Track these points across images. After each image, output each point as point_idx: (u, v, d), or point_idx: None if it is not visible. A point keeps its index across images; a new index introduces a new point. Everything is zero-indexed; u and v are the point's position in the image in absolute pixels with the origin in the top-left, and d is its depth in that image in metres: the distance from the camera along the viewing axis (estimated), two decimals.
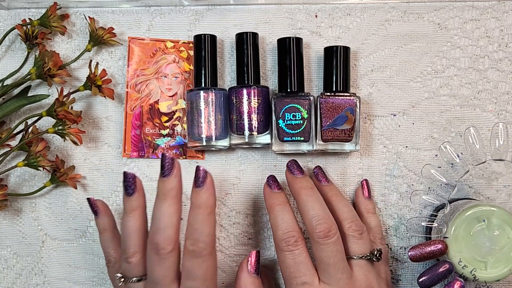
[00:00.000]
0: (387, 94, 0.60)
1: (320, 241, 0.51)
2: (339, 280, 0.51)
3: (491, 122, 0.59)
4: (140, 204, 0.51)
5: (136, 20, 0.60)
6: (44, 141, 0.57)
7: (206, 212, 0.48)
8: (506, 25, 0.60)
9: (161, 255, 0.48)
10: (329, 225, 0.51)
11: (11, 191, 0.60)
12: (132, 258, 0.50)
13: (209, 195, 0.49)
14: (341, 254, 0.51)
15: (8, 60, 0.61)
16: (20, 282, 0.60)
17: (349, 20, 0.60)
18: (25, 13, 0.60)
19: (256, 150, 0.60)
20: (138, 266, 0.51)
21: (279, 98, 0.56)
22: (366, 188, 0.58)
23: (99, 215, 0.55)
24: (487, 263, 0.52)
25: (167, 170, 0.49)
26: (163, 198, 0.49)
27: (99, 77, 0.57)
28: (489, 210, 0.52)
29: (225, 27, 0.60)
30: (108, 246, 0.55)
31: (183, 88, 0.60)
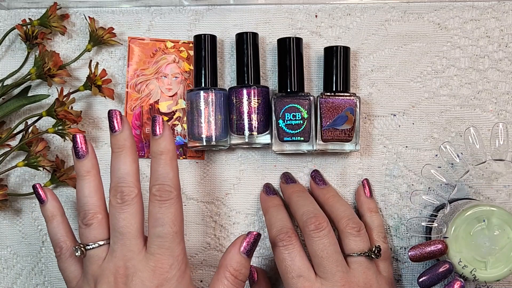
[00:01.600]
0: (387, 94, 0.60)
1: (312, 234, 0.52)
2: (335, 274, 0.51)
3: (491, 122, 0.59)
4: (93, 165, 0.51)
5: (136, 20, 0.60)
6: (44, 141, 0.57)
7: (168, 157, 0.50)
8: (506, 25, 0.60)
9: (126, 202, 0.48)
10: (319, 218, 0.53)
11: (11, 191, 0.60)
12: (93, 220, 0.49)
13: (169, 141, 0.50)
14: (334, 247, 0.52)
15: (8, 60, 0.61)
16: (20, 282, 0.60)
17: (349, 20, 0.60)
18: (25, 13, 0.60)
19: (256, 150, 0.60)
20: (101, 228, 0.50)
21: (279, 98, 0.56)
22: (367, 187, 0.59)
23: (47, 202, 0.53)
24: (487, 263, 0.52)
25: (117, 125, 0.50)
26: (119, 151, 0.50)
27: (99, 77, 0.57)
28: (489, 210, 0.52)
29: (225, 27, 0.60)
30: (58, 232, 0.53)
31: (183, 88, 0.60)
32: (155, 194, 0.49)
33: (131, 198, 0.49)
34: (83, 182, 0.51)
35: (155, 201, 0.49)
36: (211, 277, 0.60)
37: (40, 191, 0.54)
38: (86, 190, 0.50)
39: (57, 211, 0.54)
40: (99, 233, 0.50)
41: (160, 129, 0.50)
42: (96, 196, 0.50)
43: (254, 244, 0.50)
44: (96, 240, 0.49)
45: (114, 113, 0.50)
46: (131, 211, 0.49)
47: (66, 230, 0.53)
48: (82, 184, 0.51)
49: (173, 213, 0.49)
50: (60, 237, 0.53)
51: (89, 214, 0.50)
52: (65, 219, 0.54)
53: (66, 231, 0.53)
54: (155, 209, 0.49)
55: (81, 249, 0.49)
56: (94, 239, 0.50)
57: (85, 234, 0.50)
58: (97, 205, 0.50)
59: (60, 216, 0.54)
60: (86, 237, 0.50)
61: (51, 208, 0.54)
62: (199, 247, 0.60)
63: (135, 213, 0.49)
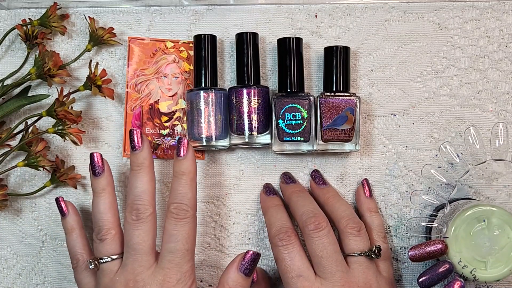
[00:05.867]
0: (387, 94, 0.60)
1: (311, 234, 0.52)
2: (334, 274, 0.51)
3: (491, 122, 0.59)
4: (109, 183, 0.54)
5: (136, 20, 0.60)
6: (44, 141, 0.57)
7: (188, 178, 0.52)
8: (506, 25, 0.60)
9: (141, 219, 0.51)
10: (319, 218, 0.53)
11: (11, 191, 0.60)
12: (107, 235, 0.52)
13: (191, 163, 0.52)
14: (333, 246, 0.52)
15: (8, 60, 0.61)
16: (20, 282, 0.60)
17: (349, 20, 0.60)
18: (25, 13, 0.60)
19: (256, 150, 0.60)
20: (114, 243, 0.52)
21: (279, 98, 0.56)
22: (367, 187, 0.59)
23: (68, 215, 0.56)
24: (487, 263, 0.52)
25: (137, 144, 0.53)
26: (138, 169, 0.52)
27: (99, 77, 0.57)
28: (489, 210, 0.52)
29: (225, 27, 0.60)
30: (76, 245, 0.55)
31: (183, 88, 0.60)
32: (172, 211, 0.51)
33: (146, 216, 0.51)
34: (98, 198, 0.53)
35: (172, 218, 0.51)
36: (211, 277, 0.60)
37: (62, 204, 0.56)
38: (101, 207, 0.53)
39: (77, 224, 0.56)
40: (112, 248, 0.52)
41: (184, 151, 0.52)
42: (110, 213, 0.53)
43: (253, 263, 0.52)
44: (109, 254, 0.52)
45: (136, 132, 0.53)
46: (145, 229, 0.51)
47: (84, 243, 0.56)
48: (97, 200, 0.53)
49: (187, 232, 0.51)
50: (78, 250, 0.55)
51: (103, 230, 0.52)
52: (83, 232, 0.56)
53: (84, 244, 0.56)
54: (171, 225, 0.51)
55: (95, 262, 0.52)
56: (107, 253, 0.52)
57: (99, 248, 0.52)
58: (111, 221, 0.53)
59: (79, 229, 0.56)
60: (99, 252, 0.52)
61: (71, 221, 0.56)
62: (199, 247, 0.60)
63: (149, 231, 0.51)
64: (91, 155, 0.54)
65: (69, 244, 0.56)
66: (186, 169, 0.52)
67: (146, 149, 0.53)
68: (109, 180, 0.54)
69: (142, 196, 0.51)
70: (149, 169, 0.53)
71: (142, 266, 0.50)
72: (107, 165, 0.54)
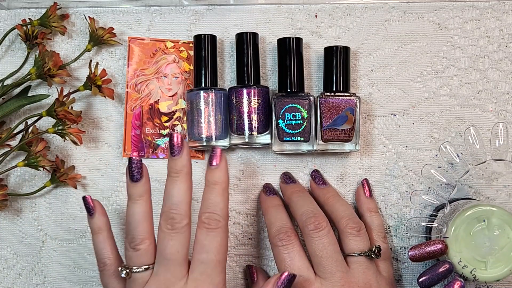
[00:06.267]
0: (387, 94, 0.60)
1: (311, 234, 0.52)
2: (334, 274, 0.51)
3: (491, 122, 0.59)
4: (146, 190, 0.51)
5: (136, 20, 0.60)
6: (44, 141, 0.57)
7: (221, 187, 0.50)
8: (506, 25, 0.60)
9: (176, 229, 0.49)
10: (319, 218, 0.53)
11: (11, 191, 0.60)
12: (141, 245, 0.50)
13: (224, 173, 0.51)
14: (333, 246, 0.52)
15: (8, 60, 0.61)
16: (20, 282, 0.60)
17: (349, 20, 0.60)
18: (25, 13, 0.60)
19: (256, 150, 0.60)
20: (147, 254, 0.50)
21: (279, 98, 0.56)
22: (367, 187, 0.59)
23: (95, 215, 0.53)
24: (487, 263, 0.52)
25: (177, 149, 0.50)
26: (176, 176, 0.50)
27: (99, 77, 0.57)
28: (489, 210, 0.52)
29: (225, 27, 0.60)
30: (104, 248, 0.53)
31: (183, 88, 0.60)
32: (204, 221, 0.50)
33: (181, 226, 0.49)
34: (135, 206, 0.50)
35: (203, 228, 0.50)
36: None
37: (90, 203, 0.54)
38: (137, 216, 0.50)
39: (104, 225, 0.54)
40: (145, 259, 0.50)
41: (217, 161, 0.50)
42: (146, 222, 0.51)
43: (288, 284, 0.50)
44: (142, 264, 0.50)
45: (176, 137, 0.50)
46: (179, 239, 0.49)
47: (111, 246, 0.53)
48: (133, 208, 0.50)
49: (219, 242, 0.49)
50: (105, 253, 0.53)
51: (137, 240, 0.50)
52: (111, 234, 0.54)
53: (111, 247, 0.53)
54: (202, 236, 0.49)
55: (127, 271, 0.50)
56: (140, 263, 0.50)
57: (132, 257, 0.50)
58: (146, 231, 0.50)
59: (107, 231, 0.54)
60: (132, 261, 0.50)
61: (99, 222, 0.53)
62: None
63: (183, 241, 0.49)
64: (130, 159, 0.50)
65: (96, 246, 0.53)
66: (219, 178, 0.50)
67: (186, 156, 0.50)
68: (147, 188, 0.51)
69: (178, 206, 0.49)
70: (187, 176, 0.50)
71: (174, 277, 0.49)
72: (146, 172, 0.51)
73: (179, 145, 0.50)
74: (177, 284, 0.49)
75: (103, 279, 0.53)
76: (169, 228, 0.49)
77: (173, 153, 0.50)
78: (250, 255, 0.60)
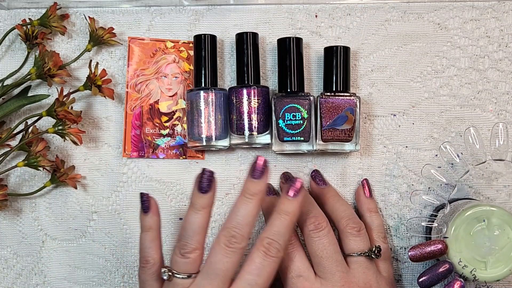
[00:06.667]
0: (387, 94, 0.60)
1: (311, 234, 0.52)
2: (334, 274, 0.51)
3: (491, 122, 0.59)
4: (210, 203, 0.51)
5: (136, 20, 0.60)
6: (44, 141, 0.57)
7: (291, 220, 0.50)
8: (506, 25, 0.60)
9: (234, 248, 0.49)
10: (318, 218, 0.53)
11: (11, 191, 0.60)
12: (191, 254, 0.50)
13: (298, 206, 0.51)
14: (333, 247, 0.52)
15: (8, 60, 0.61)
16: (20, 282, 0.60)
17: (349, 20, 0.60)
18: (25, 13, 0.60)
19: (256, 150, 0.60)
20: (194, 263, 0.50)
21: (279, 98, 0.56)
22: (366, 187, 0.59)
23: (150, 213, 0.53)
24: (487, 263, 0.52)
25: (259, 173, 0.50)
26: (250, 197, 0.50)
27: (99, 77, 0.57)
28: (489, 210, 0.52)
29: (225, 27, 0.60)
30: (150, 247, 0.53)
31: (183, 88, 0.60)
32: (265, 245, 0.49)
33: (239, 247, 0.49)
34: (196, 215, 0.50)
35: (261, 252, 0.49)
36: None
37: (148, 201, 0.54)
38: (195, 225, 0.50)
39: (156, 225, 0.54)
40: (191, 268, 0.50)
41: (296, 193, 0.51)
42: (201, 234, 0.51)
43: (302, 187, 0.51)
44: (187, 272, 0.50)
45: (261, 160, 0.50)
46: (233, 258, 0.49)
47: (158, 246, 0.54)
48: (194, 217, 0.50)
49: (271, 271, 0.49)
50: (150, 252, 0.53)
51: (189, 248, 0.50)
52: (160, 234, 0.54)
53: (158, 247, 0.53)
54: (259, 259, 0.49)
55: (169, 274, 0.50)
56: (185, 271, 0.50)
57: (179, 263, 0.50)
58: (199, 242, 0.51)
59: (156, 231, 0.54)
60: (178, 266, 0.50)
61: (151, 221, 0.53)
62: None
63: (235, 262, 0.49)
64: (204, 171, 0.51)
65: (142, 243, 0.54)
66: (292, 211, 0.50)
67: (265, 181, 0.50)
68: (212, 201, 0.51)
69: (243, 227, 0.49)
70: (259, 202, 0.50)
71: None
72: (215, 185, 0.51)
73: (262, 169, 0.50)
74: None
75: (143, 275, 0.53)
76: (226, 244, 0.49)
77: (254, 175, 0.50)
78: None
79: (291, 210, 0.50)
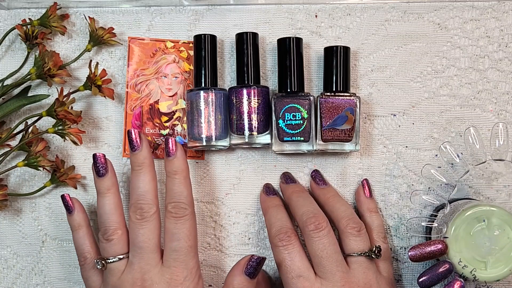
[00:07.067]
0: (387, 94, 0.60)
1: (311, 234, 0.52)
2: (334, 274, 0.51)
3: (491, 122, 0.59)
4: (113, 183, 0.54)
5: (136, 20, 0.60)
6: (44, 141, 0.57)
7: (182, 176, 0.53)
8: (506, 25, 0.60)
9: (145, 218, 0.52)
10: (319, 218, 0.53)
11: (11, 191, 0.60)
12: (114, 235, 0.52)
13: (182, 161, 0.54)
14: (334, 247, 0.52)
15: (8, 60, 0.61)
16: (20, 282, 0.60)
17: (349, 20, 0.60)
18: (25, 13, 0.60)
19: (256, 150, 0.60)
20: (120, 243, 0.53)
21: (279, 98, 0.56)
22: (366, 187, 0.59)
23: (74, 212, 0.56)
24: (487, 263, 0.52)
25: (137, 144, 0.54)
26: (139, 169, 0.54)
27: (99, 77, 0.57)
28: (489, 210, 0.52)
29: (225, 27, 0.60)
30: (84, 243, 0.55)
31: (183, 88, 0.60)
32: (171, 211, 0.52)
33: (150, 215, 0.52)
34: (104, 199, 0.54)
35: (171, 218, 0.52)
36: (211, 277, 0.60)
37: (69, 201, 0.56)
38: (107, 207, 0.53)
39: (84, 222, 0.56)
40: (119, 248, 0.53)
41: (174, 151, 0.54)
42: (116, 213, 0.53)
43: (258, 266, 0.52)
44: (116, 254, 0.52)
45: (134, 132, 0.54)
46: (149, 227, 0.52)
47: (91, 241, 0.56)
48: (103, 201, 0.54)
49: (188, 229, 0.52)
50: (85, 248, 0.55)
51: (109, 230, 0.53)
52: (90, 230, 0.57)
53: (91, 242, 0.56)
54: (171, 225, 0.52)
55: (102, 262, 0.52)
56: (114, 253, 0.52)
57: (106, 248, 0.53)
58: (117, 222, 0.53)
59: (86, 227, 0.56)
60: (107, 252, 0.53)
61: (78, 219, 0.56)
62: (199, 247, 0.59)
63: (153, 229, 0.52)
64: (94, 156, 0.54)
65: (76, 242, 0.56)
66: (178, 168, 0.53)
67: (145, 149, 0.54)
68: (114, 181, 0.54)
69: (145, 196, 0.52)
70: (150, 168, 0.54)
71: (149, 264, 0.51)
72: (110, 165, 0.55)
73: (138, 140, 0.54)
74: (152, 271, 0.51)
75: (84, 273, 0.55)
76: (138, 218, 0.52)
77: (133, 148, 0.54)
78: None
79: (177, 167, 0.53)
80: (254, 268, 0.52)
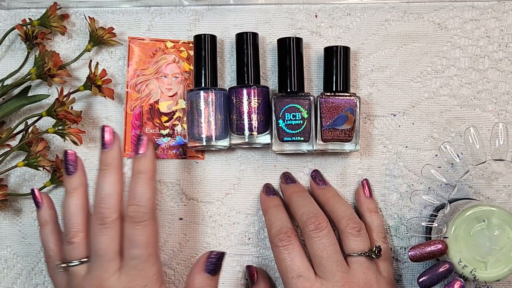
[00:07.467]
0: (387, 94, 0.60)
1: (311, 234, 0.52)
2: (335, 274, 0.51)
3: (491, 122, 0.59)
4: (81, 183, 0.51)
5: (136, 20, 0.60)
6: (44, 141, 0.57)
7: (146, 177, 0.49)
8: (506, 25, 0.60)
9: (105, 224, 0.48)
10: (319, 218, 0.53)
11: (11, 191, 0.60)
12: (75, 238, 0.50)
13: (149, 161, 0.50)
14: (334, 247, 0.52)
15: (8, 60, 0.61)
16: (20, 282, 0.60)
17: (349, 20, 0.60)
18: (25, 13, 0.60)
19: (256, 150, 0.60)
20: (81, 247, 0.50)
21: (279, 98, 0.56)
22: (366, 187, 0.59)
23: (42, 207, 0.54)
24: (487, 263, 0.52)
25: (108, 142, 0.50)
26: (105, 169, 0.50)
27: (99, 77, 0.57)
28: (489, 210, 0.52)
29: (225, 27, 0.60)
30: (49, 240, 0.53)
31: (183, 88, 0.60)
32: (130, 214, 0.49)
33: (111, 221, 0.49)
34: (69, 199, 0.51)
35: (130, 222, 0.49)
36: None
37: (37, 195, 0.54)
38: (72, 208, 0.51)
39: (50, 218, 0.54)
40: (80, 252, 0.50)
41: (144, 149, 0.50)
42: (80, 215, 0.51)
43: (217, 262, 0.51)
44: (77, 258, 0.50)
45: (106, 130, 0.50)
46: (109, 234, 0.49)
47: (56, 239, 0.54)
48: (68, 201, 0.51)
49: (147, 235, 0.49)
50: (50, 245, 0.53)
51: (71, 232, 0.50)
52: (57, 227, 0.55)
53: (56, 240, 0.54)
54: (130, 230, 0.49)
55: (64, 265, 0.51)
56: (75, 257, 0.50)
57: (67, 251, 0.50)
58: (80, 224, 0.50)
59: (53, 224, 0.54)
60: (68, 254, 0.50)
61: (45, 215, 0.54)
62: (199, 247, 0.60)
63: (114, 236, 0.49)
64: (65, 152, 0.51)
65: (42, 238, 0.54)
66: (145, 167, 0.49)
67: (116, 148, 0.50)
68: (82, 181, 0.51)
69: (107, 200, 0.49)
70: (117, 169, 0.50)
71: (107, 272, 0.48)
72: (81, 165, 0.52)
73: (110, 137, 0.50)
74: (110, 280, 0.48)
75: (49, 271, 0.54)
76: (99, 223, 0.49)
77: (104, 145, 0.50)
78: (250, 255, 0.60)
79: (144, 167, 0.49)
80: (215, 264, 0.50)
